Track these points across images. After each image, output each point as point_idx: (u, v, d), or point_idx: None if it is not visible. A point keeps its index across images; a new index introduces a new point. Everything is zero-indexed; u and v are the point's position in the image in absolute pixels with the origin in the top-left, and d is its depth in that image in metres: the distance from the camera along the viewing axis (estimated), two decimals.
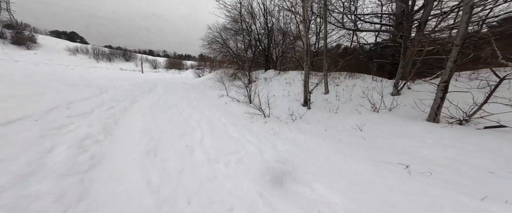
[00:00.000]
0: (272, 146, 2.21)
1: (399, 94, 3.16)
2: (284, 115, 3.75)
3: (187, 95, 7.00)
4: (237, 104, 5.25)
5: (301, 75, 7.24)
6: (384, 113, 2.83)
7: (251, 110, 4.05)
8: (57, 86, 5.33)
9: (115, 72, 16.70)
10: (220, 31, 12.12)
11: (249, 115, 3.85)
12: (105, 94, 5.38)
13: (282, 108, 4.16)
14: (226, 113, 4.16)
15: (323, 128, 2.68)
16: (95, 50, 43.00)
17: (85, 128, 2.55)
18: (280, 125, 3.12)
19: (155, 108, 4.28)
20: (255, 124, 3.32)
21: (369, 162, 1.62)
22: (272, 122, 3.41)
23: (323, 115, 3.44)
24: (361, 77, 4.86)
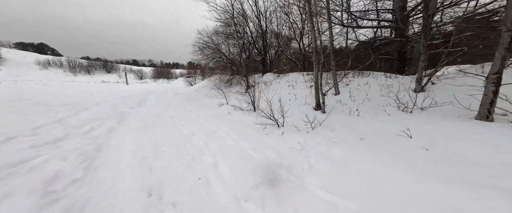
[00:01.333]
0: (309, 167, 1.80)
1: (423, 91, 2.99)
2: (300, 122, 3.39)
3: (183, 106, 6.39)
4: (241, 113, 4.80)
5: (303, 76, 7.04)
6: (418, 113, 2.59)
7: (261, 119, 3.64)
8: (22, 107, 4.47)
9: (96, 86, 15.36)
10: (211, 35, 11.78)
11: (260, 125, 3.42)
12: (84, 112, 4.63)
13: (294, 114, 3.80)
14: (233, 125, 3.68)
15: (356, 136, 2.35)
16: (70, 63, 40.16)
17: (56, 163, 1.93)
18: (302, 136, 2.73)
19: (149, 126, 3.68)
20: (272, 136, 2.90)
21: (465, 186, 1.21)
22: (290, 132, 3.01)
23: (345, 119, 3.13)
24: (372, 75, 4.72)
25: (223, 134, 3.16)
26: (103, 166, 2.00)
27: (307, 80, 6.52)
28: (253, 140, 2.77)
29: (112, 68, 44.91)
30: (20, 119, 3.50)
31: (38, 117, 3.73)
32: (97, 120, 3.83)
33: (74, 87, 12.81)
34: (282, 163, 1.94)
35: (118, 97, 8.01)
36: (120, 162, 2.10)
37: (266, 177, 1.71)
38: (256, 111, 5.04)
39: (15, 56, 35.89)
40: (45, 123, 3.27)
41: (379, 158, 1.78)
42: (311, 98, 4.87)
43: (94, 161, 2.11)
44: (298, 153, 2.19)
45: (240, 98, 7.11)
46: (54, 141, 2.51)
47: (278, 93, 6.12)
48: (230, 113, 4.95)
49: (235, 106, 5.58)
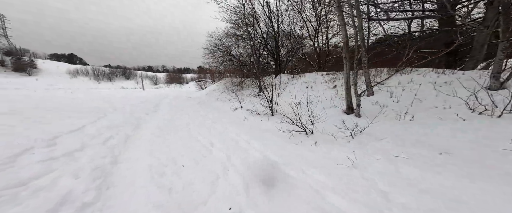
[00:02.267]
0: (386, 201, 1.30)
1: (503, 88, 2.29)
2: (332, 129, 2.87)
3: (197, 112, 6.19)
4: (259, 118, 4.40)
5: (322, 76, 6.46)
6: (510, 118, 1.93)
7: (284, 125, 3.19)
8: (46, 115, 4.58)
9: (116, 92, 16.26)
10: (221, 37, 11.74)
11: (286, 133, 2.97)
12: (103, 119, 4.60)
13: (322, 119, 3.28)
14: (253, 133, 3.29)
15: (428, 149, 1.78)
16: (95, 71, 43.73)
17: (68, 181, 1.69)
18: (343, 147, 2.23)
19: (165, 134, 3.44)
20: (304, 147, 2.44)
21: None
22: (324, 141, 2.52)
23: (393, 125, 2.55)
24: (416, 71, 3.98)
25: (245, 143, 2.77)
26: (117, 185, 1.72)
27: (328, 80, 5.93)
28: (282, 152, 2.34)
29: (130, 74, 48.05)
30: (42, 127, 3.49)
31: (60, 125, 3.72)
32: (114, 128, 3.70)
33: (97, 94, 13.62)
34: (336, 189, 1.47)
35: (135, 103, 8.16)
36: (136, 179, 1.81)
37: (318, 207, 1.26)
38: (275, 115, 4.61)
39: (49, 67, 40.17)
40: (65, 132, 3.19)
41: (491, 184, 1.22)
42: (337, 100, 4.30)
43: (108, 177, 1.85)
44: (350, 171, 1.70)
45: (254, 101, 6.74)
46: (70, 152, 2.34)
47: (296, 96, 5.62)
48: (247, 118, 4.58)
49: (251, 110, 5.21)
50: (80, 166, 2.00)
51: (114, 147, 2.65)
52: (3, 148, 2.31)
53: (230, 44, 11.92)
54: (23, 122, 3.71)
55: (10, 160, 2.02)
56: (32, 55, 40.97)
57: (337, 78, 5.78)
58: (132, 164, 2.16)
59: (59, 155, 2.24)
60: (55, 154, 2.26)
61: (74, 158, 2.20)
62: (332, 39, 8.69)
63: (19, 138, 2.70)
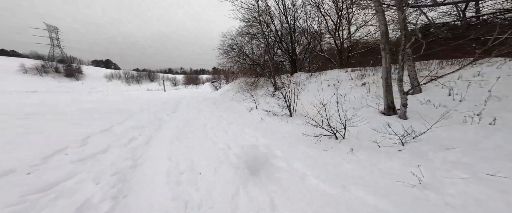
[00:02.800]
0: None
1: None
2: (370, 133, 2.35)
3: (212, 112, 6.15)
4: (277, 120, 4.05)
5: (347, 73, 5.73)
6: None
7: (308, 128, 2.78)
8: (84, 117, 5.06)
9: (142, 94, 17.79)
10: (235, 37, 11.67)
11: (311, 137, 2.56)
12: (130, 120, 4.86)
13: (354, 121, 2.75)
14: (273, 136, 2.96)
15: None
16: (126, 74, 48.97)
17: (88, 186, 1.64)
18: (392, 157, 1.74)
19: (183, 135, 3.37)
20: (336, 155, 2.02)
21: None
22: (361, 149, 2.05)
23: (462, 130, 1.92)
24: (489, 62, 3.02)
25: (264, 149, 2.46)
26: (134, 193, 1.60)
27: (354, 77, 5.22)
28: (310, 161, 1.97)
29: (154, 77, 52.57)
30: (79, 128, 3.78)
31: (92, 125, 4.00)
32: (139, 129, 3.81)
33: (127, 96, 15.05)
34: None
35: (157, 104, 8.64)
36: (153, 188, 1.67)
37: None
38: (294, 116, 4.19)
39: (91, 72, 46.59)
40: (95, 132, 3.37)
41: None
42: (370, 98, 3.67)
43: (127, 183, 1.76)
44: (419, 193, 1.24)
45: (270, 101, 6.39)
46: (96, 154, 2.38)
47: (318, 95, 5.08)
48: (263, 120, 4.27)
49: (267, 111, 4.88)
50: (102, 169, 1.98)
51: (136, 149, 2.64)
52: (46, 146, 2.49)
53: (244, 44, 11.79)
54: (65, 122, 4.11)
55: (43, 161, 2.12)
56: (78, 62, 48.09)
57: (366, 74, 5.03)
58: (151, 169, 2.06)
59: (86, 156, 2.28)
60: (83, 155, 2.32)
61: (98, 160, 2.22)
62: (356, 33, 7.73)
63: (59, 137, 2.92)
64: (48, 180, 1.66)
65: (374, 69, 5.11)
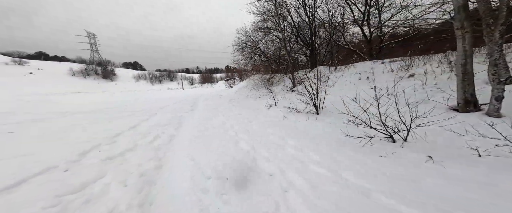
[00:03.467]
0: None
1: None
2: (445, 136, 1.81)
3: (230, 110, 6.02)
4: (302, 118, 3.64)
5: (383, 64, 4.89)
6: None
7: (345, 127, 2.32)
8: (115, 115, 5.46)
9: (163, 93, 19.04)
10: (249, 33, 11.32)
11: (354, 139, 2.12)
12: (154, 117, 5.05)
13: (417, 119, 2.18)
14: (303, 138, 2.60)
15: None
16: (150, 75, 53.35)
17: (116, 190, 1.56)
18: (499, 172, 1.23)
19: (203, 133, 3.26)
20: (404, 163, 1.57)
21: None
22: (448, 159, 1.56)
23: None
24: None
25: (297, 152, 2.12)
26: (159, 201, 1.46)
27: (395, 68, 4.40)
28: (367, 172, 1.56)
29: (173, 77, 56.16)
30: (111, 125, 4.01)
31: (123, 123, 4.22)
32: (161, 127, 3.86)
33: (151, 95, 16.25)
34: None
35: (177, 102, 9.01)
36: (178, 194, 1.52)
37: None
38: (321, 113, 3.72)
39: (123, 73, 52.07)
40: (124, 130, 3.51)
41: None
42: (431, 92, 2.97)
43: (152, 187, 1.65)
44: None
45: (289, 97, 5.96)
46: (123, 152, 2.39)
47: (345, 89, 4.45)
48: (286, 117, 3.90)
49: (289, 108, 4.48)
50: (129, 170, 1.93)
51: (160, 148, 2.59)
52: (85, 142, 2.62)
53: (258, 40, 11.38)
54: (103, 120, 4.44)
55: (80, 157, 2.18)
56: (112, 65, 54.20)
57: (413, 64, 4.18)
58: (174, 172, 1.94)
59: (115, 154, 2.30)
60: (113, 152, 2.35)
61: (126, 159, 2.20)
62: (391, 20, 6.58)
63: (94, 134, 3.08)
64: (77, 182, 1.65)
65: (425, 58, 4.21)
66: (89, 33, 53.54)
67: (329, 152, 1.99)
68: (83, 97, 11.34)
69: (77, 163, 2.03)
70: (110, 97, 12.34)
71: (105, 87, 37.51)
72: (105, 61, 53.87)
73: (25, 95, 12.83)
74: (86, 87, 33.36)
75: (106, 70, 47.13)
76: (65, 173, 1.81)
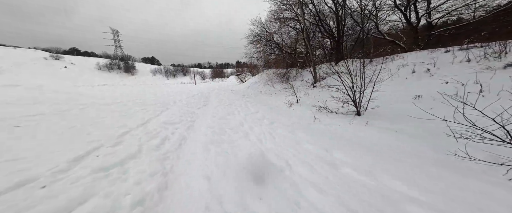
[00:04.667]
0: None
1: None
2: None
3: (245, 106, 5.37)
4: (342, 121, 2.81)
5: (450, 53, 3.68)
6: None
7: (449, 143, 1.48)
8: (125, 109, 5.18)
9: (177, 87, 19.23)
10: (264, 25, 10.35)
11: (460, 160, 1.29)
12: (165, 112, 4.64)
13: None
14: (357, 150, 1.82)
15: None
16: (165, 69, 55.37)
17: None
18: None
19: (219, 137, 2.65)
20: None
21: None
22: None
23: None
24: None
25: (358, 174, 1.37)
26: None
27: (473, 57, 3.22)
28: None
29: (186, 71, 57.49)
30: (121, 121, 3.65)
31: (134, 119, 3.84)
32: (171, 125, 3.37)
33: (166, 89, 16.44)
34: None
35: (189, 96, 8.67)
36: None
37: None
38: (364, 115, 2.85)
39: (141, 68, 54.81)
40: (132, 128, 3.08)
41: None
42: None
43: None
44: None
45: (313, 94, 5.07)
46: (124, 161, 1.89)
47: (396, 86, 3.44)
48: (318, 119, 3.10)
49: (319, 107, 3.66)
50: (123, 191, 1.39)
51: (167, 157, 2.05)
52: (86, 143, 2.18)
53: (273, 32, 10.34)
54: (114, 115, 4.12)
55: (71, 165, 1.72)
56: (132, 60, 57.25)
57: (507, 51, 2.96)
58: (183, 201, 1.34)
59: (113, 164, 1.80)
60: (111, 160, 1.86)
61: (124, 171, 1.69)
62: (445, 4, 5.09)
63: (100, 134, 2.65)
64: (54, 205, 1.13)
65: None
66: (113, 30, 56.80)
67: (431, 182, 1.19)
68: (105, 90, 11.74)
69: (63, 175, 1.56)
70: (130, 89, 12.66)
71: (126, 80, 39.84)
72: (127, 56, 57.10)
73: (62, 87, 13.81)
74: (110, 80, 35.78)
75: (127, 65, 49.97)
76: (40, 192, 1.33)
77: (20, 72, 27.36)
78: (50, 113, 3.77)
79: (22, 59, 33.84)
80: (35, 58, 37.20)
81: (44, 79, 25.11)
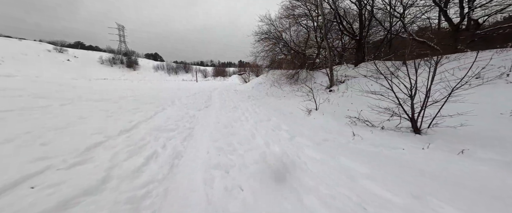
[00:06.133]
0: None
1: None
2: None
3: (254, 111, 4.64)
4: (397, 140, 2.07)
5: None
6: None
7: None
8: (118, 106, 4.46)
9: (177, 84, 18.61)
10: (273, 22, 9.68)
11: None
12: (160, 114, 3.94)
13: None
14: (483, 203, 1.06)
15: None
16: (167, 66, 55.10)
17: None
18: None
19: (226, 160, 1.92)
20: None
21: None
22: None
23: None
24: None
25: None
26: None
27: None
28: None
29: (188, 69, 57.09)
30: (101, 124, 2.94)
31: (116, 121, 3.14)
32: (165, 133, 2.66)
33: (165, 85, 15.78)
34: None
35: (189, 95, 7.96)
36: None
37: None
38: (427, 135, 2.09)
39: (144, 63, 54.51)
40: (113, 135, 2.37)
41: None
42: None
43: None
44: None
45: (333, 100, 4.32)
46: (67, 202, 1.17)
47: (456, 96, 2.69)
48: (359, 136, 2.35)
49: (352, 118, 2.91)
50: None
51: (148, 195, 1.33)
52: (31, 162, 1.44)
53: (282, 30, 9.66)
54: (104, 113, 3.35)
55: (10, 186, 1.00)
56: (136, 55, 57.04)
57: None
58: None
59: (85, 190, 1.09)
60: (45, 205, 1.15)
61: None
62: None
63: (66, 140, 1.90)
64: None
65: None
66: (119, 26, 56.84)
67: None
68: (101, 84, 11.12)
69: None
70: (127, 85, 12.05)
71: (127, 75, 39.49)
72: (131, 52, 56.99)
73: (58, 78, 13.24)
74: (111, 74, 35.43)
75: (130, 60, 49.78)
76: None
77: (22, 63, 27.06)
78: (18, 110, 3.07)
79: (26, 50, 33.69)
80: (39, 50, 37.10)
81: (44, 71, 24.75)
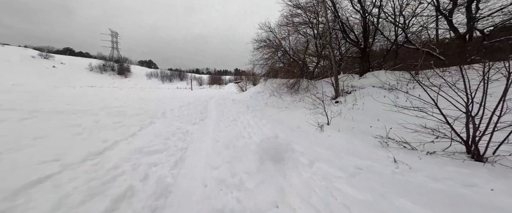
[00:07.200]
0: None
1: None
2: None
3: (257, 126, 4.15)
4: (436, 167, 1.62)
5: None
6: None
7: None
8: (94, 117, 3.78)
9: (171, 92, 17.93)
10: (272, 29, 9.76)
11: None
12: (146, 130, 3.34)
13: None
14: None
15: None
16: (161, 73, 54.28)
17: None
18: None
19: (229, 204, 1.38)
20: None
21: None
22: None
23: None
24: None
25: None
26: None
27: None
28: None
29: (183, 76, 56.53)
30: (67, 143, 2.31)
31: (86, 140, 2.52)
32: (148, 157, 2.07)
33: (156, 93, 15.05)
34: None
35: (183, 104, 7.37)
36: None
37: None
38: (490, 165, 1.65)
39: (136, 71, 53.38)
40: (70, 164, 1.75)
41: None
42: None
43: None
44: None
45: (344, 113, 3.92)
46: None
47: None
48: (406, 164, 1.89)
49: (383, 138, 2.48)
50: None
51: None
52: None
53: (282, 38, 9.70)
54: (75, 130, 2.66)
55: None
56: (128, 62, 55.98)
57: None
58: None
59: None
60: None
61: None
62: None
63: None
64: None
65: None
66: (112, 32, 56.59)
67: None
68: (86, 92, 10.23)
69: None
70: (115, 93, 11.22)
71: (118, 83, 38.10)
72: (123, 59, 56.05)
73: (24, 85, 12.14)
74: (100, 81, 33.96)
75: (121, 67, 48.62)
76: None
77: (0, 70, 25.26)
78: None
79: (8, 57, 31.88)
80: (23, 56, 35.30)
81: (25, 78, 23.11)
